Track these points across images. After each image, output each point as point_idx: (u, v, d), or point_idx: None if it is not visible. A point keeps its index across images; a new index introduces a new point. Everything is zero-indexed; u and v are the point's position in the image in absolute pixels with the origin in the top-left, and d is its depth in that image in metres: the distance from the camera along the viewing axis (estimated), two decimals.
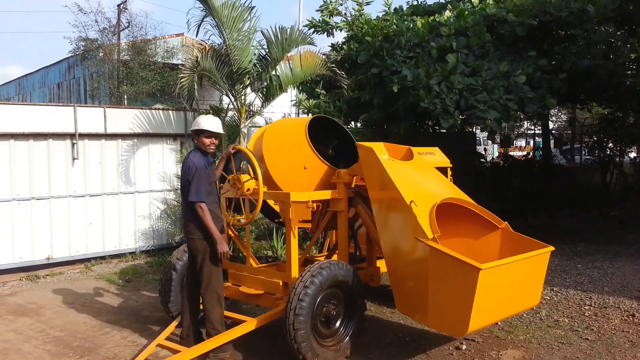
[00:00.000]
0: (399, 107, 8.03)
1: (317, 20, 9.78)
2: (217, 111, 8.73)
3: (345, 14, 9.85)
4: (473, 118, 7.21)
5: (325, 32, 9.87)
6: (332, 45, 9.66)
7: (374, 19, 9.59)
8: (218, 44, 8.38)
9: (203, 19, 8.21)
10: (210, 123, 4.71)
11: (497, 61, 7.47)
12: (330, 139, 5.70)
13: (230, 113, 8.96)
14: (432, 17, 8.73)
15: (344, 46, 9.37)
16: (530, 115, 7.53)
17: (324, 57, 9.37)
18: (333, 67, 8.59)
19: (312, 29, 9.70)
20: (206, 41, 8.88)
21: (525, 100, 7.22)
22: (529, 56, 7.63)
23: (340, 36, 10.01)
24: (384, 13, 9.66)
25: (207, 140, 4.69)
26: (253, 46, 8.47)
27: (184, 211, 4.67)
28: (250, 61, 8.20)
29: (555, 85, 7.47)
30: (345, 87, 8.50)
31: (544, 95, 7.33)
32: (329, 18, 9.78)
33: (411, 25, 8.59)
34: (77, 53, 16.17)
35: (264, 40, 8.46)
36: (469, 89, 7.18)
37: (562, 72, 7.52)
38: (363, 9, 9.71)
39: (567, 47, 7.65)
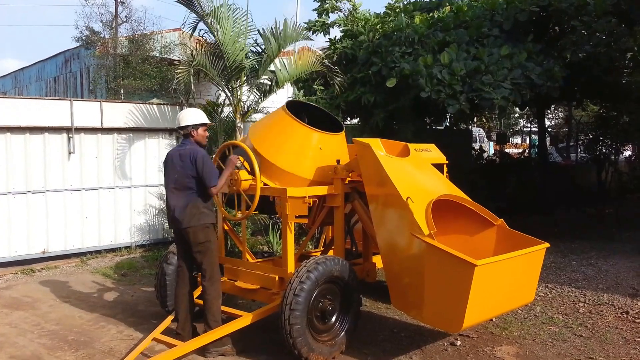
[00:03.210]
0: (401, 104, 8.01)
1: (314, 21, 9.77)
2: (214, 106, 8.72)
3: (342, 9, 9.86)
4: (480, 100, 7.16)
5: (323, 32, 9.87)
6: (330, 40, 9.65)
7: (372, 15, 9.59)
8: (212, 40, 8.38)
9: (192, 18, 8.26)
10: (204, 115, 4.79)
11: (498, 48, 7.47)
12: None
13: (227, 109, 8.95)
14: (430, 14, 8.73)
15: (342, 40, 9.36)
16: (538, 91, 7.46)
17: (319, 53, 9.38)
18: (327, 63, 8.60)
19: (311, 31, 9.70)
20: (202, 37, 8.88)
21: (532, 76, 7.17)
22: (529, 42, 7.64)
23: (337, 32, 10.01)
24: (384, 12, 9.66)
25: (204, 133, 4.77)
26: (249, 44, 8.49)
27: (185, 200, 4.59)
28: (244, 55, 8.18)
29: (558, 63, 7.42)
30: (338, 84, 8.48)
31: (550, 69, 7.27)
32: (325, 16, 9.77)
33: (410, 21, 8.59)
34: (81, 39, 16.11)
35: (261, 36, 8.48)
36: (472, 73, 7.15)
37: (561, 61, 7.53)
38: (358, 7, 9.72)
39: (567, 36, 7.64)
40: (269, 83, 8.61)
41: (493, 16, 7.99)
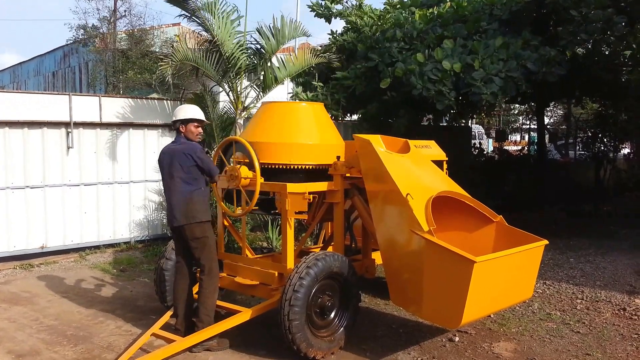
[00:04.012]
0: (394, 99, 8.02)
1: (320, 3, 9.77)
2: (199, 97, 8.70)
3: (346, 2, 9.89)
4: (470, 95, 7.18)
5: (325, 18, 9.86)
6: (331, 32, 9.67)
7: (377, 10, 9.62)
8: (208, 36, 8.39)
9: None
10: (197, 111, 4.75)
11: (494, 40, 7.47)
12: None
13: (223, 104, 8.94)
14: (430, 10, 8.73)
15: (344, 34, 9.37)
16: (534, 78, 7.45)
17: (319, 48, 9.40)
18: (323, 54, 8.62)
19: (314, 12, 9.70)
20: (199, 33, 8.88)
21: (528, 64, 7.16)
22: (526, 32, 7.64)
23: (339, 25, 10.09)
24: (383, 7, 9.67)
25: (195, 129, 4.72)
26: (248, 41, 8.50)
27: (180, 197, 4.61)
28: (242, 50, 8.17)
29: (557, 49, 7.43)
30: (336, 61, 8.56)
31: (545, 54, 7.24)
32: (331, 3, 9.78)
33: (410, 18, 8.59)
34: (76, 40, 16.09)
35: (259, 33, 8.49)
36: (466, 67, 7.15)
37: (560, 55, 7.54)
38: (362, 1, 9.74)
39: (564, 27, 7.63)
40: (268, 78, 8.59)
41: (492, 10, 7.99)
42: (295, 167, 4.90)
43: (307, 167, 4.92)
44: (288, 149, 4.93)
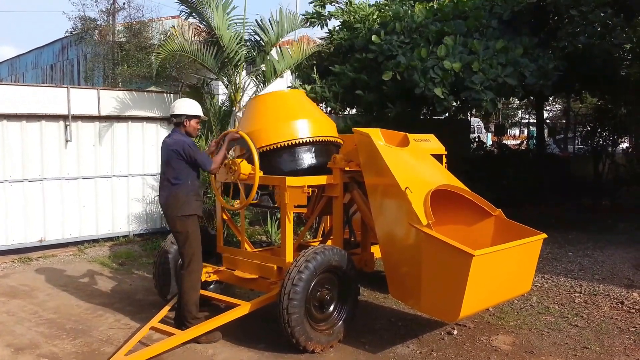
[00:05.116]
0: (392, 90, 8.01)
1: (311, 12, 9.77)
2: (195, 90, 8.68)
3: (338, 1, 9.85)
4: (469, 99, 7.20)
5: (319, 25, 9.85)
6: (329, 31, 9.63)
7: (366, 5, 9.57)
8: (207, 29, 8.37)
9: None
10: (199, 108, 4.81)
11: (495, 40, 7.45)
12: None
13: (221, 97, 8.93)
14: (430, 4, 8.69)
15: (339, 32, 9.34)
16: (530, 89, 7.46)
17: (318, 41, 9.37)
18: (318, 49, 8.66)
19: (307, 22, 9.71)
20: (198, 26, 8.86)
21: (526, 73, 7.18)
22: (525, 36, 7.63)
23: (335, 24, 10.05)
24: (382, 2, 9.63)
25: (197, 125, 4.80)
26: (247, 32, 8.48)
27: (168, 190, 4.67)
28: (241, 42, 8.15)
29: (556, 56, 7.40)
30: (328, 51, 8.61)
31: (543, 66, 7.26)
32: (322, 8, 9.77)
33: (409, 11, 8.55)
34: (74, 32, 16.01)
35: (259, 25, 8.47)
36: (466, 69, 7.15)
37: (559, 52, 7.52)
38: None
39: (564, 27, 7.62)
40: (268, 71, 8.59)
41: (492, 7, 7.95)
42: (295, 142, 4.93)
43: (308, 140, 4.98)
44: (286, 127, 4.99)
